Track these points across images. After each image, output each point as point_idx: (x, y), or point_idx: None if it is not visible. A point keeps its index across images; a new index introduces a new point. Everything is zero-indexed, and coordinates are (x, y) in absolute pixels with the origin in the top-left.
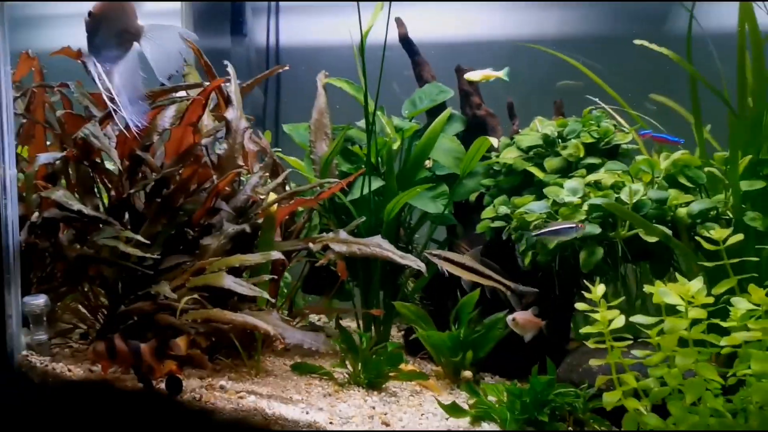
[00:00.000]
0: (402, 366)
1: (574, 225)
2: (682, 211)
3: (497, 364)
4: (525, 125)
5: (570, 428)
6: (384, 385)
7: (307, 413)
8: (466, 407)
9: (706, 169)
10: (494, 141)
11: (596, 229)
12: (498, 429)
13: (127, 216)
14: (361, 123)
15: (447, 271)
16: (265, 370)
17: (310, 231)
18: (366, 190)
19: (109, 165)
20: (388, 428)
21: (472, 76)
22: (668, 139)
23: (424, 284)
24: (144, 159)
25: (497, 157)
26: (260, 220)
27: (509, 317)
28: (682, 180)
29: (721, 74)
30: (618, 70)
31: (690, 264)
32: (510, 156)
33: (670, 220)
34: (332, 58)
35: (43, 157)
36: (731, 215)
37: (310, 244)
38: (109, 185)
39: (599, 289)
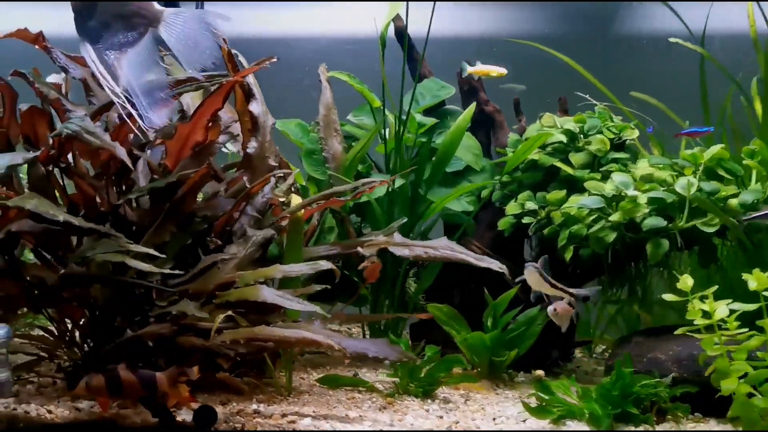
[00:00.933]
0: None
1: None
2: (734, 202)
3: (521, 361)
4: None
5: (655, 419)
6: (434, 392)
7: None
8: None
9: (744, 162)
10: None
11: (661, 222)
12: (585, 426)
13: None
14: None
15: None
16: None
17: (322, 234)
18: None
19: None
20: None
21: (475, 69)
22: (699, 131)
23: (427, 286)
24: (139, 159)
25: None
26: (283, 224)
27: (550, 308)
28: (721, 172)
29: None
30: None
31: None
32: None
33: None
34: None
35: (7, 159)
36: None
37: (360, 249)
38: (84, 190)
39: (688, 281)
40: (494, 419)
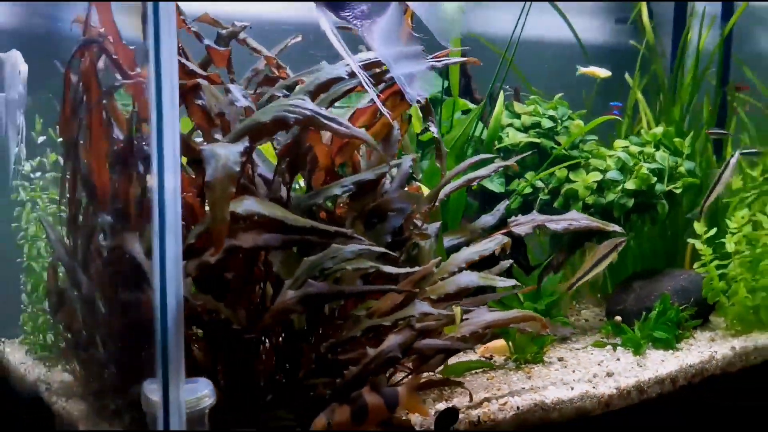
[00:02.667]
0: None
1: None
2: (682, 169)
3: None
4: None
5: None
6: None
7: (572, 389)
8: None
9: (675, 140)
10: None
11: (664, 187)
12: (657, 350)
13: None
14: None
15: None
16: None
17: None
18: None
19: None
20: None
21: (586, 70)
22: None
23: None
24: None
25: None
26: None
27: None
28: (662, 148)
29: None
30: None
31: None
32: (518, 137)
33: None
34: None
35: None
36: None
37: (513, 229)
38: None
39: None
40: (608, 364)
